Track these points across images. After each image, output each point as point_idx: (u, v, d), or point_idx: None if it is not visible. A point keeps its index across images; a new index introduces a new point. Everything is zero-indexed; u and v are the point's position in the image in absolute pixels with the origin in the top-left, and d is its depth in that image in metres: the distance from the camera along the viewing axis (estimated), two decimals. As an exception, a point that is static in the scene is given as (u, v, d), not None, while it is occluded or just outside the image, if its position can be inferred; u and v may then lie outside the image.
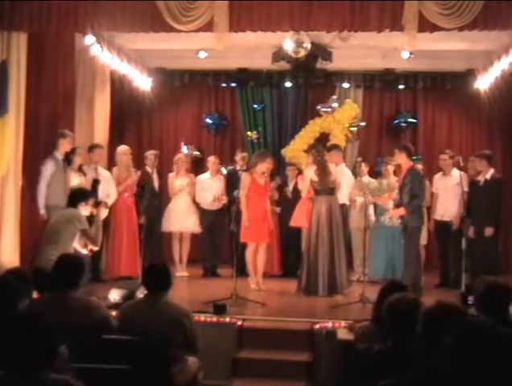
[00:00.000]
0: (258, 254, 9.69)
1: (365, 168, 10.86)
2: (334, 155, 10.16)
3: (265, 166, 9.60)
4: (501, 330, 2.48)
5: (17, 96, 8.98)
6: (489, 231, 9.32)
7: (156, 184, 10.84)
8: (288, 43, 10.58)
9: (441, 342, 2.55)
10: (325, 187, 9.36)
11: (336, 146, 10.78)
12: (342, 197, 9.96)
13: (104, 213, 7.89)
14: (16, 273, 4.81)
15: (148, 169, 10.69)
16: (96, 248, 7.74)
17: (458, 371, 2.43)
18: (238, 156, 11.09)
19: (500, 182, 9.66)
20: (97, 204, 7.87)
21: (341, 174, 10.07)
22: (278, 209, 10.95)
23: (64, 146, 9.44)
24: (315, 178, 9.33)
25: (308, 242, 9.38)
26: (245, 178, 9.62)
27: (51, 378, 3.15)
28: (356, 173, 10.70)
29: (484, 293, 4.15)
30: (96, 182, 9.65)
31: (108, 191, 9.93)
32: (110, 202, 9.82)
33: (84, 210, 7.50)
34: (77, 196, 7.55)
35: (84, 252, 7.66)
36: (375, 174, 11.36)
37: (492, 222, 9.36)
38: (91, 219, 7.63)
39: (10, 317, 3.33)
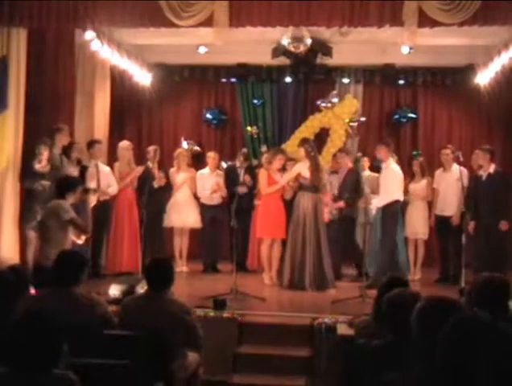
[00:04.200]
0: (273, 249, 9.79)
1: (366, 163, 10.88)
2: (382, 150, 9.83)
3: (278, 163, 9.83)
4: (499, 326, 2.48)
5: (17, 92, 8.98)
6: (504, 225, 9.28)
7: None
8: (285, 39, 10.58)
9: (437, 337, 2.56)
10: (313, 184, 9.39)
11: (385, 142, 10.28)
12: (395, 193, 9.55)
13: (93, 200, 7.73)
14: (13, 270, 4.81)
15: (149, 164, 10.68)
16: (87, 236, 7.64)
17: (455, 367, 2.44)
18: (239, 154, 11.13)
19: (504, 176, 9.62)
20: (86, 191, 7.70)
21: (389, 170, 9.71)
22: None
23: (60, 141, 9.45)
24: (307, 175, 9.35)
25: (293, 237, 9.38)
26: (262, 174, 9.94)
27: (54, 374, 3.17)
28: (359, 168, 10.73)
29: (481, 288, 4.16)
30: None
31: (109, 184, 10.03)
32: (112, 193, 9.99)
33: (72, 198, 7.33)
34: (65, 186, 7.40)
35: (80, 242, 7.60)
36: (375, 168, 11.35)
37: (504, 216, 9.36)
38: (78, 207, 7.49)
39: (19, 315, 3.34)
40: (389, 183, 9.60)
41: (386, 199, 9.56)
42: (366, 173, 10.73)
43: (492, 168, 9.54)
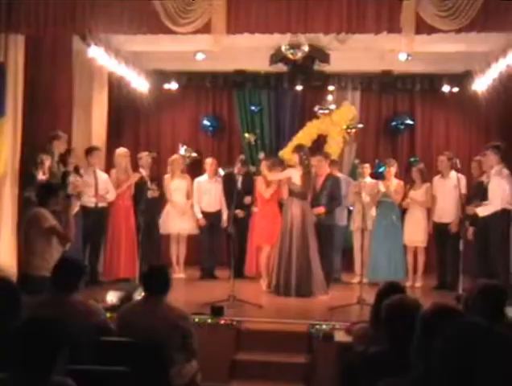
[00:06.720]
0: (270, 256, 9.80)
1: (366, 169, 10.85)
2: (491, 159, 9.25)
3: (274, 175, 9.90)
4: (497, 331, 2.48)
5: (14, 99, 8.96)
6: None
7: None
8: (282, 46, 10.60)
9: (436, 343, 2.55)
10: (303, 191, 9.41)
11: (495, 146, 9.41)
12: (499, 202, 9.03)
13: (75, 206, 7.57)
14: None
15: (143, 171, 10.66)
16: (69, 244, 7.39)
17: (453, 372, 2.43)
18: (237, 160, 11.15)
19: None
20: (68, 197, 7.54)
21: (496, 177, 9.12)
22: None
23: (58, 148, 9.43)
24: (298, 181, 9.37)
25: (281, 242, 9.41)
26: (259, 182, 10.10)
27: (52, 380, 3.17)
28: (357, 174, 10.71)
29: (477, 295, 4.16)
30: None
31: (107, 190, 10.06)
32: (110, 199, 10.07)
33: (54, 205, 7.08)
34: (47, 192, 7.14)
35: (66, 249, 7.47)
36: (374, 175, 11.34)
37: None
38: (61, 213, 7.24)
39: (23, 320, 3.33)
40: (491, 193, 9.09)
41: (490, 209, 9.11)
42: (367, 180, 10.71)
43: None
